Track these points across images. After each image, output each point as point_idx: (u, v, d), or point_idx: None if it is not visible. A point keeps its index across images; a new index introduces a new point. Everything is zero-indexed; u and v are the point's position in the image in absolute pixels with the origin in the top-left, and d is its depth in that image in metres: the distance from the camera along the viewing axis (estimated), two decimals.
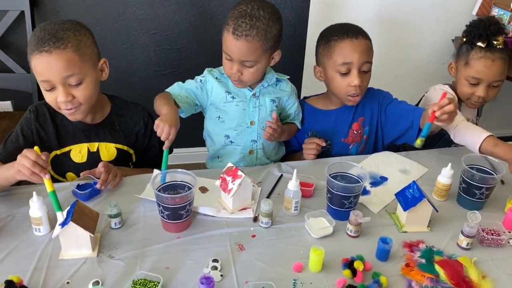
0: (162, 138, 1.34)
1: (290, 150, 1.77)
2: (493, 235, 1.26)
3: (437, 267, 1.14)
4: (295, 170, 1.31)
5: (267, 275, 1.12)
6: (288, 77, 1.64)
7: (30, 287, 1.05)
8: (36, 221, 1.18)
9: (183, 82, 1.62)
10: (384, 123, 1.70)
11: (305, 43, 2.66)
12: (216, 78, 1.56)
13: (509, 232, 1.31)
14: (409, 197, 1.28)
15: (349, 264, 1.14)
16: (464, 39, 1.70)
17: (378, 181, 1.50)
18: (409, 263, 1.18)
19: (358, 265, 1.13)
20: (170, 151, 1.59)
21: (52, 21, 1.31)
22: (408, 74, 2.92)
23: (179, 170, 1.28)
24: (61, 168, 1.46)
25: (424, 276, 1.13)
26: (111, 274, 1.10)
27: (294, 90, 1.64)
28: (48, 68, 1.25)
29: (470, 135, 1.52)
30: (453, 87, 1.79)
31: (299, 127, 1.69)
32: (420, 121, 1.54)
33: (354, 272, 1.13)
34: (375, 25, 2.72)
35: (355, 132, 1.68)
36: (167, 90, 1.56)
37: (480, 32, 1.63)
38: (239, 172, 1.30)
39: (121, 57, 2.56)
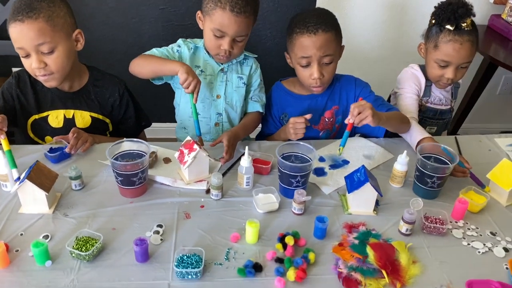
0: (189, 91, 1.45)
1: (265, 135, 1.80)
2: (436, 223, 1.27)
3: (368, 248, 1.17)
4: (246, 147, 1.37)
5: (203, 242, 1.19)
6: (256, 56, 1.69)
7: None
8: (2, 178, 1.30)
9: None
10: None
11: None
12: (191, 50, 1.63)
13: (456, 222, 1.32)
14: (355, 180, 1.31)
15: (281, 239, 1.20)
16: (433, 21, 1.68)
17: (339, 164, 1.53)
18: (343, 242, 1.21)
19: (288, 240, 1.18)
20: (147, 123, 1.69)
21: None
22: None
23: (135, 139, 1.36)
24: (40, 131, 1.58)
25: (352, 256, 1.17)
26: (61, 230, 1.21)
27: (258, 67, 1.72)
28: (21, 36, 1.36)
29: (409, 135, 1.60)
30: (423, 68, 1.81)
31: (262, 111, 1.73)
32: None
33: (285, 246, 1.18)
34: (385, 9, 2.68)
35: (326, 119, 1.69)
36: (147, 53, 1.62)
37: (449, 15, 1.62)
38: (195, 146, 1.37)
39: (131, 31, 2.65)
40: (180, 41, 1.66)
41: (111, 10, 2.55)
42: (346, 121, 1.41)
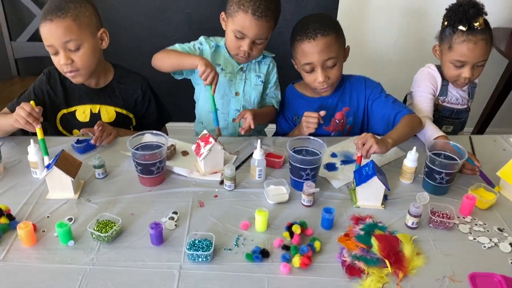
0: (207, 83, 1.55)
1: (279, 135, 1.84)
2: (443, 218, 1.30)
3: (373, 239, 1.21)
4: (258, 141, 1.43)
5: (215, 229, 1.26)
6: (274, 55, 1.76)
7: (18, 216, 1.28)
8: (33, 165, 1.41)
9: None
10: (370, 117, 1.75)
11: None
12: (213, 48, 1.71)
13: (464, 217, 1.34)
14: (363, 174, 1.35)
15: (289, 227, 1.25)
16: (446, 23, 1.71)
17: (351, 160, 1.57)
18: (349, 233, 1.26)
19: (295, 228, 1.23)
20: (169, 118, 1.78)
21: None
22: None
23: (155, 132, 1.44)
24: (68, 125, 1.70)
25: (357, 246, 1.21)
26: (84, 214, 1.30)
27: (275, 65, 1.79)
28: (50, 34, 1.47)
29: (424, 134, 1.62)
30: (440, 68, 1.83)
31: (276, 107, 1.79)
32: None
33: (293, 234, 1.23)
34: (406, 13, 2.70)
35: (337, 121, 1.74)
36: (169, 48, 1.71)
37: (460, 16, 1.64)
38: (210, 139, 1.44)
39: (159, 33, 2.76)
40: (202, 38, 1.75)
41: (140, 14, 2.67)
42: (354, 157, 1.46)
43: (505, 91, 2.82)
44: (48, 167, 1.30)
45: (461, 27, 1.65)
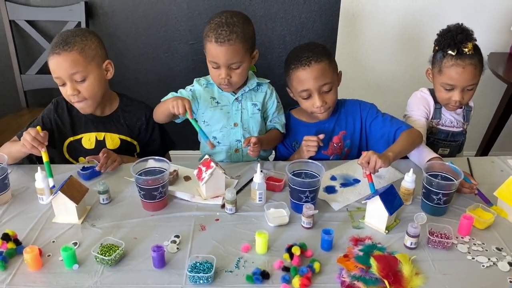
0: (180, 112, 1.54)
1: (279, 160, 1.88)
2: (441, 238, 1.31)
3: (372, 260, 1.23)
4: (258, 164, 1.47)
5: (216, 251, 1.28)
6: (269, 81, 1.81)
7: (25, 241, 1.31)
8: (40, 191, 1.45)
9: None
10: (369, 139, 1.79)
11: (334, 56, 2.77)
12: (204, 85, 1.77)
13: (462, 237, 1.36)
14: (375, 192, 1.38)
15: (289, 249, 1.27)
16: (436, 48, 1.76)
17: (350, 182, 1.60)
18: (348, 254, 1.28)
19: (295, 250, 1.25)
20: (172, 146, 1.81)
21: (68, 30, 1.60)
22: None
23: (158, 158, 1.48)
24: (75, 152, 1.75)
25: (356, 266, 1.22)
26: (88, 239, 1.33)
27: (273, 91, 1.82)
28: (57, 66, 1.54)
29: (418, 156, 1.66)
30: (433, 92, 1.88)
31: (282, 131, 1.83)
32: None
33: (292, 256, 1.25)
34: (404, 38, 2.77)
35: (335, 145, 1.78)
36: (164, 98, 1.76)
37: (449, 41, 1.70)
38: (212, 164, 1.48)
39: (163, 64, 2.84)
40: (194, 80, 1.80)
41: (145, 45, 2.75)
42: (363, 176, 1.51)
43: (505, 114, 2.85)
44: (54, 188, 1.34)
45: (450, 52, 1.71)
